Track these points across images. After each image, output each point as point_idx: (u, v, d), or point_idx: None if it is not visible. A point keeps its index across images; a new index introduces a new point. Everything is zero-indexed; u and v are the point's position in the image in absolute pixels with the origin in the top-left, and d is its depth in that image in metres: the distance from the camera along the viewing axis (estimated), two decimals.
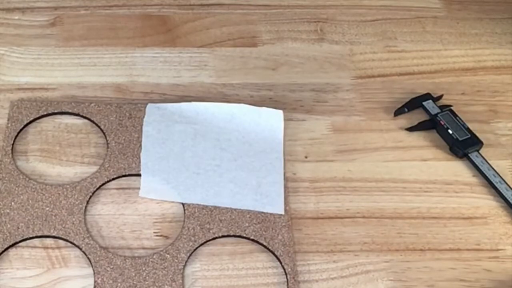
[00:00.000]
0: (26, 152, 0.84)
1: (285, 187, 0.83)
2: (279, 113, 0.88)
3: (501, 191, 0.84)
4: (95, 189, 0.81)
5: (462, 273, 0.79)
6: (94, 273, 0.75)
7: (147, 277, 0.75)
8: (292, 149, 0.87)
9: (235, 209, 0.81)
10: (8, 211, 0.78)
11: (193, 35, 0.98)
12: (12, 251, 0.76)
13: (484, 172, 0.86)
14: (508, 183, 0.85)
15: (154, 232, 0.79)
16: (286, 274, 0.77)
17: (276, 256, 0.78)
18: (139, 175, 0.82)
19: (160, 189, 0.82)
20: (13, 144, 0.84)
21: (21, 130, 0.85)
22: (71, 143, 0.86)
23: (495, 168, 0.86)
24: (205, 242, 0.78)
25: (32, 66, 0.92)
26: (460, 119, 0.90)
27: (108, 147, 0.85)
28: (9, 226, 0.77)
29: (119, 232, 0.79)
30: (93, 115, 0.87)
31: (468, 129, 0.89)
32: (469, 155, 0.87)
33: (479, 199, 0.85)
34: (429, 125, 0.91)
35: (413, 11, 1.04)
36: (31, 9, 0.99)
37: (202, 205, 0.81)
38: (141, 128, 0.86)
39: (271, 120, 0.88)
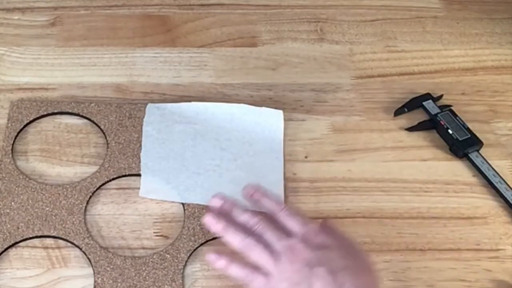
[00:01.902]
0: (26, 152, 0.84)
1: (285, 187, 0.83)
2: (279, 113, 0.88)
3: (501, 191, 0.84)
4: (95, 189, 0.81)
5: (462, 273, 0.79)
6: (94, 273, 0.75)
7: (147, 277, 0.75)
8: (292, 149, 0.87)
9: None
10: (8, 211, 0.78)
11: (193, 35, 0.98)
12: (12, 251, 0.76)
13: (484, 172, 0.86)
14: (508, 183, 0.85)
15: (154, 232, 0.79)
16: None
17: None
18: (139, 175, 0.82)
19: (160, 189, 0.82)
20: (13, 144, 0.84)
21: (21, 130, 0.85)
22: (71, 143, 0.86)
23: (495, 168, 0.86)
24: (205, 242, 0.78)
25: (32, 66, 0.92)
26: (460, 119, 0.90)
27: (108, 147, 0.84)
28: (9, 226, 0.77)
29: (119, 232, 0.79)
30: (93, 115, 0.87)
31: (468, 129, 0.89)
32: (469, 155, 0.87)
33: (479, 199, 0.85)
34: (429, 125, 0.90)
35: (413, 11, 1.04)
36: (31, 9, 0.99)
37: (202, 205, 0.81)
38: (141, 128, 0.86)
39: (271, 120, 0.88)
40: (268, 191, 0.74)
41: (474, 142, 0.88)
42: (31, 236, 0.77)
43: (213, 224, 0.68)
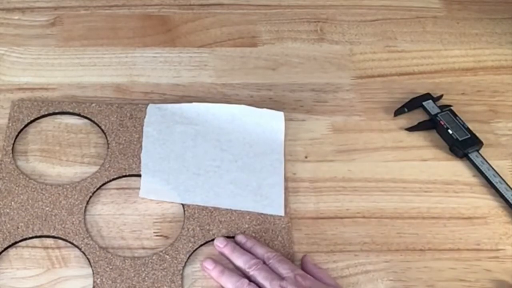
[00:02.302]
0: (26, 152, 0.84)
1: (285, 187, 0.83)
2: (280, 114, 0.88)
3: (501, 191, 0.84)
4: (95, 189, 0.81)
5: (462, 273, 0.79)
6: (93, 273, 0.75)
7: (146, 278, 0.75)
8: (292, 149, 0.87)
9: (235, 210, 0.81)
10: (8, 210, 0.78)
11: (193, 35, 0.98)
12: (12, 251, 0.76)
13: (484, 172, 0.86)
14: (508, 183, 0.85)
15: (154, 232, 0.79)
16: None
17: None
18: (139, 175, 0.82)
19: (160, 190, 0.82)
20: (13, 144, 0.84)
21: (21, 130, 0.85)
22: (71, 143, 0.86)
23: (495, 168, 0.86)
24: (205, 243, 0.78)
25: (32, 66, 0.92)
26: (460, 119, 0.90)
27: (108, 147, 0.84)
28: (8, 225, 0.77)
29: (119, 232, 0.79)
30: (94, 115, 0.87)
31: (468, 129, 0.89)
32: (469, 155, 0.87)
33: (479, 199, 0.85)
34: (429, 125, 0.91)
35: (413, 11, 1.04)
36: (31, 9, 0.99)
37: (202, 206, 0.81)
38: (142, 128, 0.86)
39: (272, 121, 0.88)
40: (256, 239, 0.78)
41: (474, 142, 0.88)
42: (31, 236, 0.77)
43: (210, 268, 0.75)
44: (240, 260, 0.75)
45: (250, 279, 0.74)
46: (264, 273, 0.73)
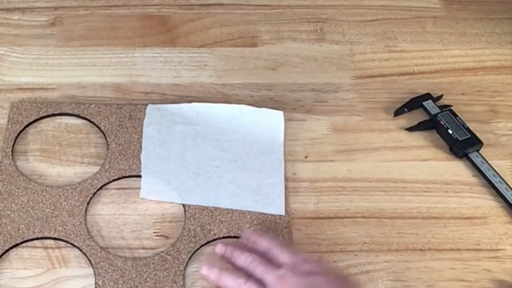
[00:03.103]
0: (26, 152, 0.84)
1: (285, 187, 0.83)
2: (280, 114, 0.88)
3: (501, 191, 0.84)
4: (95, 190, 0.81)
5: (462, 273, 0.79)
6: (95, 274, 0.75)
7: (148, 279, 0.75)
8: (292, 149, 0.87)
9: (235, 210, 0.81)
10: (8, 212, 0.78)
11: (193, 35, 0.98)
12: (12, 251, 0.77)
13: (484, 172, 0.86)
14: (508, 183, 0.85)
15: (154, 232, 0.79)
16: None
17: None
18: (139, 176, 0.82)
19: (161, 190, 0.82)
20: (13, 145, 0.84)
21: (21, 131, 0.85)
22: (71, 143, 0.86)
23: (495, 168, 0.86)
24: (206, 243, 0.78)
25: (32, 66, 0.92)
26: (460, 119, 0.90)
27: (108, 148, 0.84)
28: (9, 227, 0.77)
29: (119, 232, 0.79)
30: (93, 116, 0.87)
31: (468, 129, 0.89)
32: (469, 155, 0.87)
33: (479, 199, 0.85)
34: (429, 125, 0.91)
35: (413, 11, 1.04)
36: (31, 9, 0.99)
37: (203, 206, 0.81)
38: (142, 129, 0.86)
39: (271, 121, 0.88)
40: (263, 231, 0.78)
41: (474, 142, 0.88)
42: (31, 237, 0.77)
43: (208, 273, 0.73)
44: (240, 260, 0.75)
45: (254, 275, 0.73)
46: (262, 267, 0.72)
